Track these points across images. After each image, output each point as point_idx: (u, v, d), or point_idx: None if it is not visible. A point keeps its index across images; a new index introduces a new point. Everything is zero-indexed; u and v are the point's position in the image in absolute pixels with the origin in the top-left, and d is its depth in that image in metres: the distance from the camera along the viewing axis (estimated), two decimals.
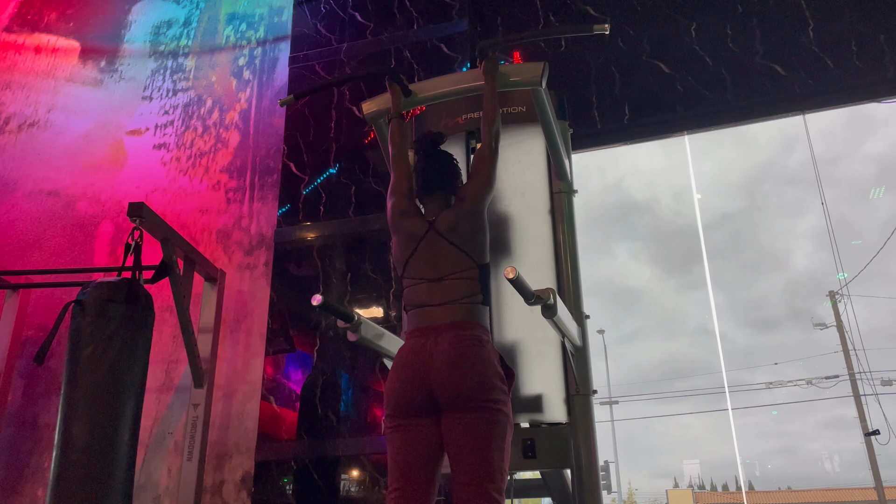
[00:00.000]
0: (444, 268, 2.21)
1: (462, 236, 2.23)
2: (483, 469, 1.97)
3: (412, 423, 2.07)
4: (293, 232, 4.58)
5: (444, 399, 2.02)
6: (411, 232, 2.29)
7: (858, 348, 9.29)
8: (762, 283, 17.53)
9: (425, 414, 2.06)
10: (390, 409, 2.11)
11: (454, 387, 2.01)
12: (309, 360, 4.22)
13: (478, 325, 2.14)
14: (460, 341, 2.08)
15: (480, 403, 1.99)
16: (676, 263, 18.46)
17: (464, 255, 2.21)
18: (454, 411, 2.02)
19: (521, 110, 3.22)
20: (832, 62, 4.13)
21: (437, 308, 2.17)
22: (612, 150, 4.72)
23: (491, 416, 2.00)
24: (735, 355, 16.02)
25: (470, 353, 2.05)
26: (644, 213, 19.05)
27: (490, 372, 2.05)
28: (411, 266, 2.27)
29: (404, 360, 2.13)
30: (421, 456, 2.05)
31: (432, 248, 2.25)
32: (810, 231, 17.44)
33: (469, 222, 2.25)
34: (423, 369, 2.06)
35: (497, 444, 1.99)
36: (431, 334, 2.12)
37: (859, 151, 15.31)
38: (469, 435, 1.99)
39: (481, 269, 2.22)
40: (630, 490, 15.37)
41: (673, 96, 4.35)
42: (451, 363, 2.03)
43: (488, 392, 2.01)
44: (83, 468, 3.09)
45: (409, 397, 2.07)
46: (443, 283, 2.19)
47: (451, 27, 4.72)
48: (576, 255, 3.03)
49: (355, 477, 3.88)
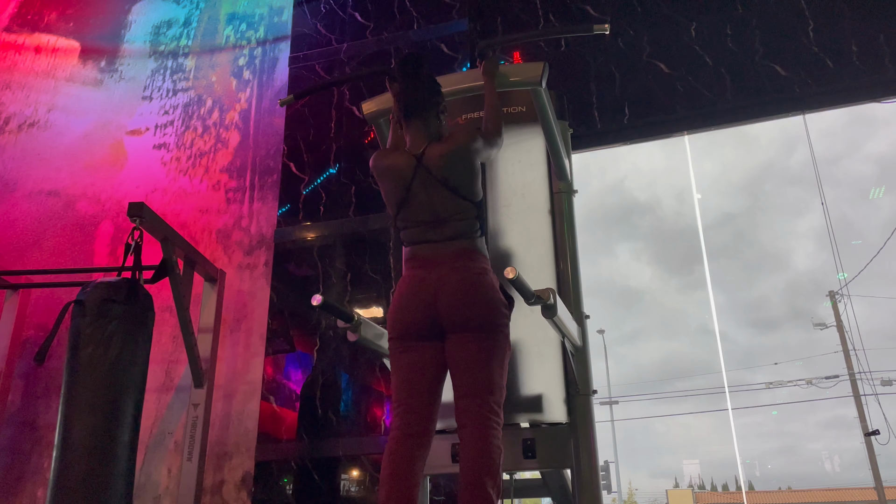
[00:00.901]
0: (442, 212, 2.28)
1: (455, 177, 2.26)
2: (485, 383, 2.13)
3: (417, 346, 2.21)
4: (293, 232, 4.58)
5: (451, 322, 2.17)
6: (397, 169, 2.30)
7: (858, 348, 9.29)
8: (763, 283, 17.53)
9: (430, 337, 2.20)
10: (395, 333, 2.24)
11: (461, 313, 2.15)
12: (309, 360, 4.22)
13: (480, 257, 2.27)
14: (466, 271, 2.20)
15: (486, 326, 2.15)
16: (678, 263, 18.46)
17: (461, 199, 2.27)
18: (459, 332, 2.16)
19: (521, 110, 3.22)
20: (832, 62, 4.13)
21: (439, 244, 2.27)
22: (613, 151, 4.72)
23: (494, 338, 2.16)
24: (736, 355, 16.01)
25: (476, 283, 2.19)
26: (646, 214, 19.05)
27: (494, 298, 2.19)
28: (407, 210, 2.31)
29: (410, 290, 2.24)
30: (425, 375, 2.20)
31: (427, 193, 2.27)
32: (811, 231, 17.44)
33: (460, 161, 2.27)
34: (429, 297, 2.18)
35: (498, 363, 2.16)
36: (435, 266, 2.23)
37: (861, 151, 15.31)
38: (473, 353, 2.15)
39: (477, 206, 2.31)
40: (630, 490, 15.37)
41: (673, 96, 4.35)
42: (458, 292, 2.17)
43: (494, 316, 2.17)
44: (83, 468, 3.09)
45: (416, 323, 2.20)
46: (443, 225, 2.28)
47: (451, 27, 4.72)
48: (576, 255, 3.03)
49: (355, 477, 3.88)
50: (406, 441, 2.11)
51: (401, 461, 2.08)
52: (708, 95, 4.29)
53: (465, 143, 2.28)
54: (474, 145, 2.29)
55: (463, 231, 2.26)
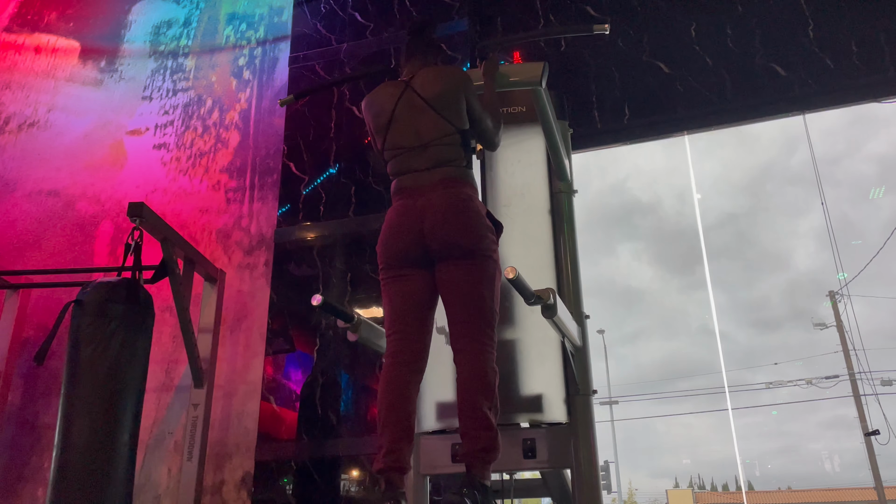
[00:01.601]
0: (426, 135, 2.27)
1: (440, 98, 2.28)
2: (476, 307, 2.14)
3: (406, 273, 2.22)
4: (293, 232, 4.58)
5: (439, 250, 2.17)
6: (385, 98, 2.34)
7: (858, 348, 9.30)
8: (764, 283, 17.53)
9: (419, 265, 2.21)
10: (385, 262, 2.25)
11: (448, 238, 2.15)
12: (309, 360, 4.22)
13: (466, 183, 2.27)
14: (451, 197, 2.20)
15: (473, 251, 2.15)
16: (679, 264, 18.46)
17: (444, 121, 2.27)
18: (448, 259, 2.17)
19: (521, 110, 3.22)
20: (832, 62, 4.13)
21: (424, 172, 2.27)
22: (615, 151, 4.72)
23: (482, 263, 2.17)
24: (737, 355, 16.01)
25: (461, 208, 2.19)
26: (647, 214, 19.05)
27: (481, 223, 2.20)
28: (392, 136, 2.32)
29: (397, 218, 2.24)
30: (416, 301, 2.21)
31: (411, 114, 2.30)
32: (812, 231, 17.44)
33: (447, 88, 2.29)
34: (416, 224, 2.19)
35: (488, 286, 2.17)
36: (422, 193, 2.23)
37: (862, 151, 15.31)
38: (463, 279, 2.16)
39: (462, 133, 2.30)
40: (630, 490, 15.37)
41: (673, 96, 4.35)
42: (443, 218, 2.17)
43: (480, 241, 2.17)
44: (83, 468, 3.09)
45: (404, 249, 2.21)
46: (427, 149, 2.27)
47: (451, 27, 4.72)
48: (576, 256, 3.03)
49: (355, 477, 3.88)
50: (400, 368, 2.14)
51: (396, 389, 2.11)
52: (708, 95, 4.29)
53: (456, 71, 2.34)
54: (465, 81, 2.33)
55: (447, 157, 2.26)
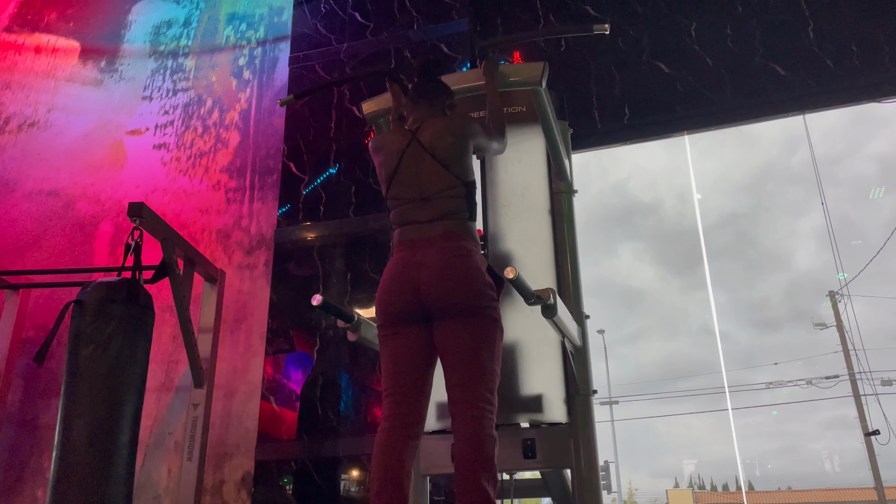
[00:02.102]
0: (430, 187, 2.23)
1: (444, 152, 2.24)
2: (474, 370, 2.05)
3: (404, 331, 2.15)
4: (293, 232, 4.58)
5: (435, 307, 2.09)
6: (392, 145, 2.32)
7: (858, 348, 9.30)
8: (765, 283, 17.53)
9: (417, 322, 2.14)
10: (382, 318, 2.19)
11: (444, 296, 2.08)
12: (309, 360, 4.22)
13: (466, 237, 2.20)
14: (449, 252, 2.13)
15: (470, 309, 2.07)
16: (680, 264, 18.45)
17: (448, 174, 2.23)
18: (445, 318, 2.09)
19: (521, 110, 3.22)
20: (832, 62, 4.13)
21: (424, 224, 2.21)
22: (616, 151, 4.72)
23: (480, 321, 2.08)
24: (738, 355, 16.01)
25: (458, 263, 2.12)
26: (648, 214, 19.06)
27: (479, 280, 2.12)
28: (396, 184, 2.29)
29: (394, 272, 2.19)
30: (414, 362, 2.14)
31: (416, 166, 2.26)
32: (813, 231, 17.44)
33: (452, 139, 2.26)
34: (412, 280, 2.12)
35: (487, 347, 2.08)
36: (420, 247, 2.18)
37: (864, 151, 15.30)
38: (460, 339, 2.07)
39: (467, 186, 2.26)
40: (630, 490, 15.37)
41: (673, 96, 4.35)
42: (440, 273, 2.10)
43: (478, 299, 2.09)
44: (83, 468, 3.09)
45: (400, 307, 2.14)
46: (429, 202, 2.23)
47: (451, 27, 4.72)
48: (576, 256, 3.03)
49: (355, 477, 3.88)
50: (396, 432, 2.07)
51: (391, 454, 2.03)
52: (708, 95, 4.29)
53: (461, 122, 2.31)
54: (471, 127, 2.31)
55: (449, 210, 2.20)
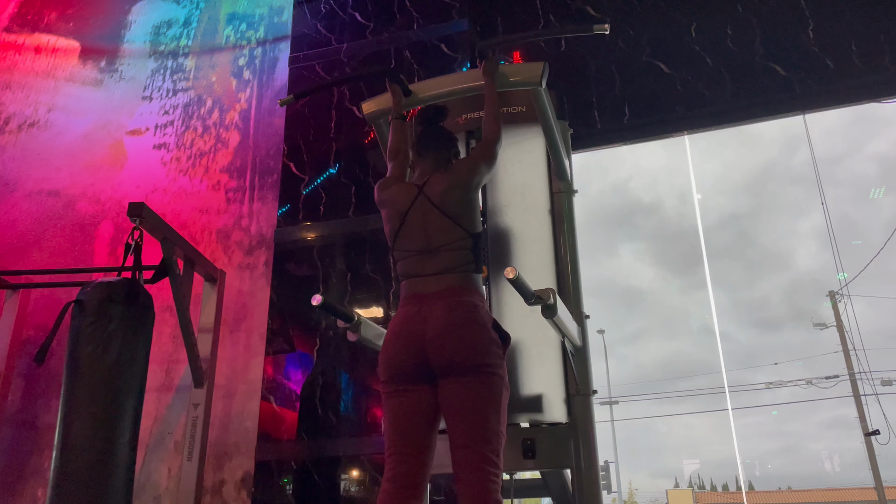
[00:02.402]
0: (436, 240, 2.20)
1: (453, 206, 2.22)
2: (479, 431, 1.99)
3: (408, 389, 2.09)
4: (293, 232, 4.58)
5: (439, 365, 2.04)
6: (398, 198, 2.28)
7: (858, 348, 9.30)
8: (766, 283, 17.53)
9: (421, 380, 2.08)
10: (386, 375, 2.14)
11: (449, 353, 2.02)
12: (309, 360, 4.22)
13: (472, 291, 2.15)
14: (454, 308, 2.08)
15: (475, 368, 2.01)
16: (681, 264, 18.46)
17: (455, 226, 2.20)
18: (449, 376, 2.04)
19: (521, 110, 3.22)
20: (832, 62, 4.13)
21: (430, 277, 2.17)
22: (618, 152, 4.73)
23: (486, 380, 2.02)
24: (738, 355, 16.01)
25: (464, 320, 2.06)
26: (649, 214, 19.06)
27: (485, 337, 2.06)
28: (402, 237, 2.25)
29: (399, 328, 2.14)
30: (418, 422, 2.08)
31: (423, 219, 2.23)
32: (814, 231, 17.44)
33: (461, 192, 2.24)
34: (417, 337, 2.07)
35: (493, 407, 2.02)
36: (425, 301, 2.13)
37: (865, 151, 15.30)
38: (465, 399, 2.01)
39: (474, 238, 2.22)
40: (630, 490, 15.37)
41: (673, 96, 4.35)
42: (445, 330, 2.05)
43: (483, 357, 2.03)
44: (83, 468, 3.09)
45: (405, 364, 2.09)
46: (435, 255, 2.19)
47: (451, 27, 4.72)
48: (576, 255, 3.03)
49: (355, 477, 3.88)
50: (400, 495, 2.00)
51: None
52: (708, 95, 4.29)
53: (466, 171, 2.27)
54: (476, 179, 2.28)
55: (455, 263, 2.16)
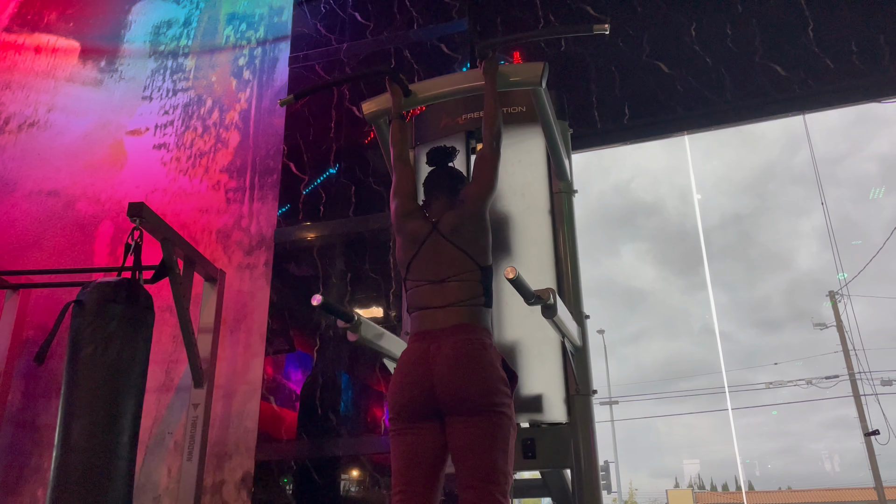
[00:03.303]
0: (446, 270, 2.22)
1: (464, 238, 2.25)
2: (487, 472, 1.98)
3: (415, 427, 2.09)
4: (293, 232, 4.58)
5: (447, 403, 2.04)
6: (415, 233, 2.31)
7: (858, 348, 9.30)
8: (767, 283, 17.53)
9: (428, 418, 2.08)
10: (394, 412, 2.14)
11: (457, 391, 2.02)
12: (309, 360, 4.22)
13: (480, 329, 2.16)
14: (463, 345, 2.09)
15: (483, 407, 2.01)
16: (683, 264, 18.46)
17: (466, 257, 2.22)
18: (457, 415, 2.04)
19: (521, 110, 3.21)
20: (832, 62, 4.13)
21: (439, 311, 2.18)
22: (620, 153, 4.73)
23: (494, 420, 2.02)
24: (739, 355, 16.01)
25: (473, 358, 2.06)
26: (651, 214, 19.05)
27: (493, 376, 2.06)
28: (414, 268, 2.29)
29: (407, 364, 2.14)
30: (424, 460, 2.08)
31: (435, 250, 2.27)
32: (815, 231, 17.43)
33: (471, 224, 2.28)
34: (426, 373, 2.08)
35: (500, 447, 2.01)
36: (434, 338, 2.13)
37: (867, 150, 15.28)
38: (472, 439, 2.01)
39: (483, 271, 2.24)
40: (631, 490, 15.37)
41: (673, 96, 4.35)
42: (453, 368, 2.05)
43: (491, 396, 2.03)
44: (83, 468, 3.09)
45: (413, 401, 2.08)
46: (445, 286, 2.21)
47: (451, 27, 4.72)
48: (576, 255, 3.03)
49: (355, 477, 3.88)
50: None
51: None
52: (708, 95, 4.29)
53: (474, 207, 2.29)
54: (484, 207, 2.31)
55: (464, 296, 2.18)
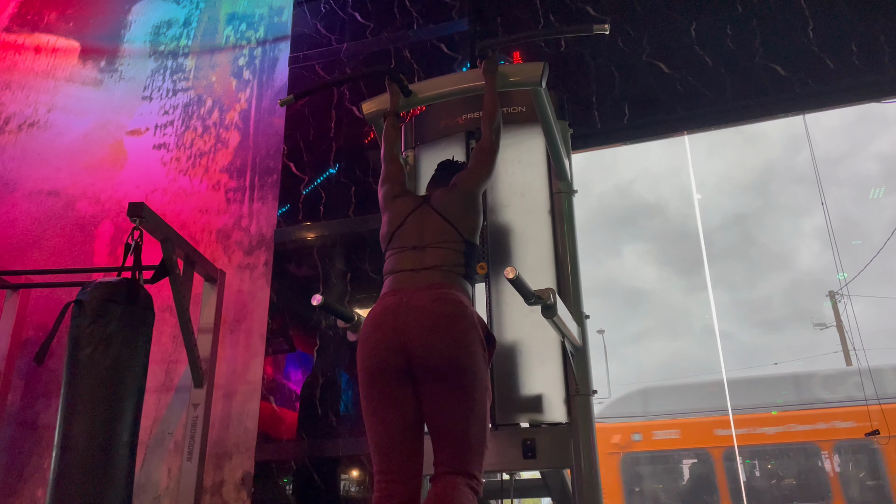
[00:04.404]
0: (430, 237, 2.15)
1: (453, 213, 2.21)
2: (459, 443, 1.88)
3: (391, 399, 1.94)
4: (293, 232, 4.58)
5: (419, 362, 1.90)
6: (403, 207, 2.29)
7: (858, 348, 9.31)
8: (769, 283, 17.53)
9: (402, 382, 1.93)
10: (363, 375, 1.99)
11: (431, 348, 1.88)
12: (309, 360, 4.22)
13: (459, 289, 2.04)
14: (439, 300, 1.95)
15: (458, 371, 1.89)
16: (685, 265, 18.47)
17: (452, 229, 2.15)
18: (429, 377, 1.90)
19: (521, 110, 3.22)
20: (832, 62, 4.13)
21: (416, 272, 2.06)
22: (622, 153, 4.75)
23: (469, 388, 1.90)
24: (741, 355, 16.01)
25: (449, 314, 1.93)
26: (654, 215, 19.05)
27: (471, 335, 1.93)
28: (396, 237, 2.21)
29: (376, 320, 1.99)
30: (405, 433, 1.94)
31: (421, 221, 2.21)
32: (817, 231, 17.45)
33: (462, 202, 2.24)
34: (397, 329, 1.92)
35: (477, 418, 1.91)
36: (408, 293, 1.99)
37: (868, 150, 15.28)
38: (447, 408, 1.89)
39: (468, 244, 2.15)
40: None
41: (673, 96, 4.35)
42: (428, 322, 1.91)
43: (468, 357, 1.90)
44: (83, 468, 3.09)
45: (383, 362, 1.93)
46: (425, 251, 2.11)
47: (451, 27, 4.72)
48: (576, 255, 3.03)
49: (355, 477, 3.88)
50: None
51: None
52: (708, 95, 4.29)
53: (467, 186, 2.28)
54: (477, 189, 2.29)
55: (444, 262, 2.07)
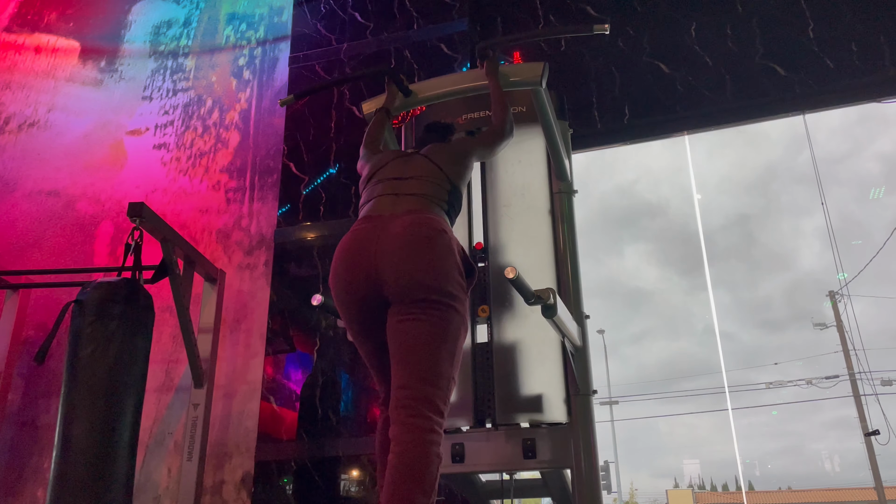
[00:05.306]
0: (413, 171, 2.04)
1: (442, 159, 2.13)
2: (426, 371, 1.71)
3: (366, 328, 1.85)
4: (293, 232, 4.58)
5: (392, 287, 1.76)
6: (385, 156, 2.22)
7: (858, 348, 9.30)
8: (770, 283, 17.52)
9: (375, 312, 1.81)
10: (339, 307, 1.89)
11: (405, 273, 1.75)
12: (309, 360, 4.22)
13: (441, 217, 1.92)
14: (416, 224, 1.82)
15: (433, 296, 1.75)
16: (686, 264, 18.47)
17: (437, 169, 2.06)
18: (402, 304, 1.76)
19: (521, 110, 3.22)
20: (832, 62, 4.13)
21: (397, 196, 1.94)
22: (624, 152, 4.73)
23: (443, 314, 1.75)
24: (742, 356, 15.99)
25: (424, 235, 1.79)
26: (656, 215, 19.04)
27: (448, 261, 1.79)
28: (377, 175, 2.10)
29: (347, 245, 1.86)
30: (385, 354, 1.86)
31: (406, 162, 2.11)
32: (818, 230, 17.45)
33: (455, 155, 2.18)
34: (368, 254, 1.79)
35: (447, 347, 1.75)
36: (383, 221, 1.85)
37: (869, 150, 15.28)
38: (416, 333, 1.73)
39: (453, 186, 2.05)
40: (631, 490, 15.36)
41: (673, 96, 4.35)
42: (403, 246, 1.78)
43: (443, 282, 1.76)
44: (83, 468, 3.09)
45: (356, 295, 1.81)
46: (407, 181, 1.99)
47: (451, 27, 4.72)
48: (576, 255, 3.03)
49: (355, 477, 3.88)
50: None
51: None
52: (708, 95, 4.29)
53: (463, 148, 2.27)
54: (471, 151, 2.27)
55: (425, 191, 1.94)
